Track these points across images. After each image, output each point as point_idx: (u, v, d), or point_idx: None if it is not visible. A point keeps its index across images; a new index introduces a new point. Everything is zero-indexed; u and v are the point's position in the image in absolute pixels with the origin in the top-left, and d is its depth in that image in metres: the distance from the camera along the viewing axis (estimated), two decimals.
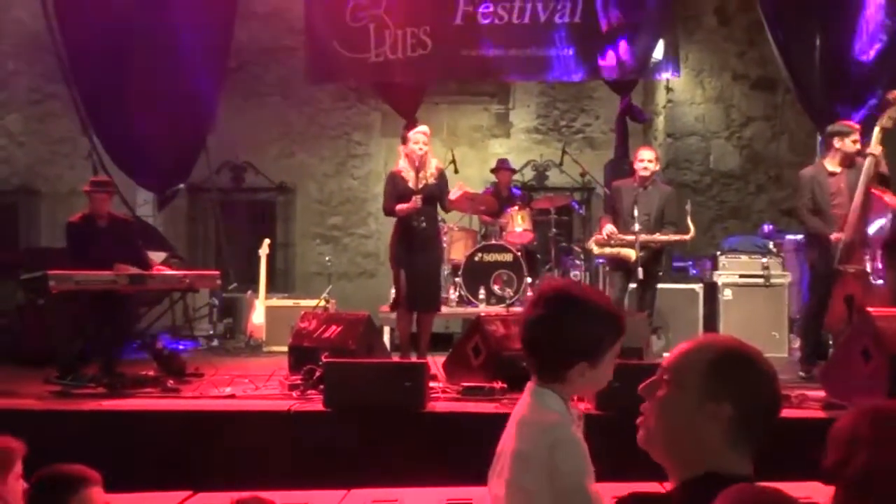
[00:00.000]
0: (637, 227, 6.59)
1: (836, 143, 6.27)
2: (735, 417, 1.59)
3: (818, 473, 1.68)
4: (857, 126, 6.32)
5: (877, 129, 5.95)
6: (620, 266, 6.77)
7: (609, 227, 6.74)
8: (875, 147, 5.94)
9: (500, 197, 9.26)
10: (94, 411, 5.13)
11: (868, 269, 5.94)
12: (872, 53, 8.02)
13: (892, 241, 5.78)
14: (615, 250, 6.72)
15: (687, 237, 6.73)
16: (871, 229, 5.98)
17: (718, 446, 1.60)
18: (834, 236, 6.02)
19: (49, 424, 4.93)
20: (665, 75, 9.49)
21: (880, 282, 5.88)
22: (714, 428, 1.60)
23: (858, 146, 6.16)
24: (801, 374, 6.27)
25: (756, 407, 1.61)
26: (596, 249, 6.93)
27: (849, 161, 6.19)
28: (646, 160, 6.78)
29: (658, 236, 6.59)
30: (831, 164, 6.28)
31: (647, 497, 1.79)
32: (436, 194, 6.56)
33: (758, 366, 1.65)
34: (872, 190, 5.89)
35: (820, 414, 4.87)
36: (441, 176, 6.66)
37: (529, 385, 2.23)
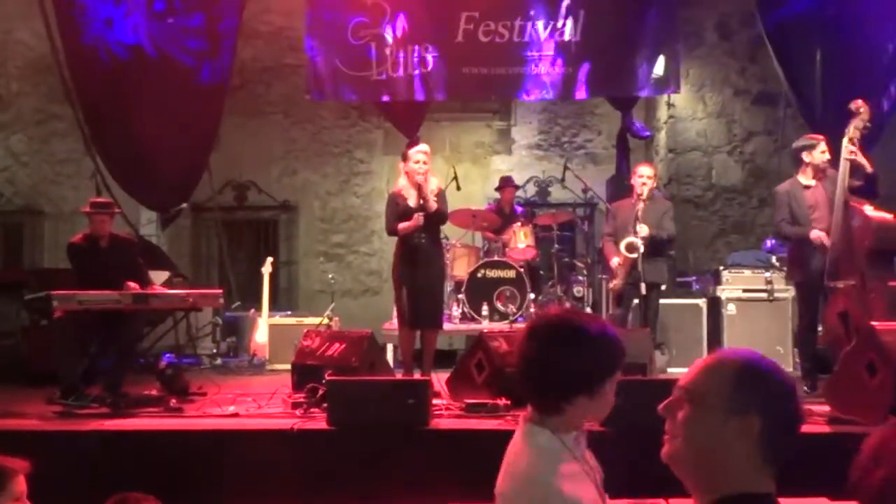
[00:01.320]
0: (639, 242, 6.65)
1: (805, 157, 6.31)
2: (763, 431, 1.55)
3: (823, 488, 1.66)
4: (822, 137, 6.37)
5: (845, 142, 5.95)
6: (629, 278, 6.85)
7: (615, 262, 6.90)
8: (847, 152, 5.92)
9: (503, 213, 9.28)
10: (98, 431, 5.12)
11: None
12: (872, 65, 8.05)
13: (875, 252, 5.77)
14: (627, 262, 6.80)
15: (664, 233, 6.94)
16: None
17: (747, 464, 1.56)
18: (813, 234, 6.04)
19: (53, 445, 4.92)
20: (663, 94, 9.53)
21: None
22: (742, 444, 1.55)
23: (827, 156, 6.20)
24: (806, 388, 6.25)
25: (782, 419, 1.58)
26: (619, 283, 6.97)
27: (821, 173, 6.23)
28: (644, 176, 6.91)
29: (644, 234, 6.67)
30: (805, 178, 6.32)
31: None
32: (435, 214, 6.54)
33: (780, 376, 1.62)
34: (852, 203, 5.89)
35: (825, 429, 4.85)
36: (441, 196, 6.66)
37: (523, 417, 2.13)
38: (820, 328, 6.34)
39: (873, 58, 8.03)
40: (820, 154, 6.24)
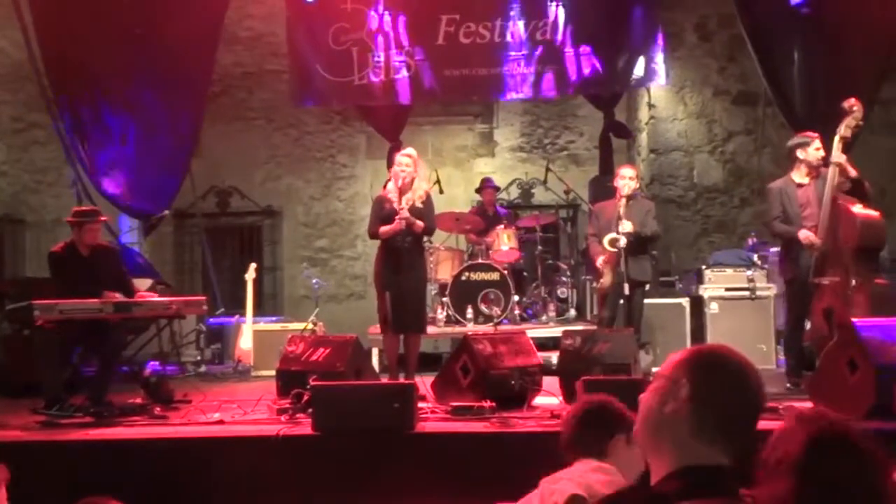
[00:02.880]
0: (622, 241, 6.69)
1: (800, 154, 6.34)
2: (692, 398, 1.65)
3: None
4: (817, 134, 6.39)
5: (836, 139, 5.98)
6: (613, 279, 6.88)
7: (601, 261, 6.93)
8: (837, 155, 5.96)
9: (486, 216, 9.30)
10: (82, 441, 5.09)
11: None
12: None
13: (861, 249, 5.81)
14: (612, 259, 6.83)
15: (648, 230, 6.95)
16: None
17: (684, 434, 1.65)
18: (802, 234, 6.07)
19: (36, 455, 4.89)
20: (649, 85, 9.54)
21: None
22: (674, 409, 1.66)
23: (822, 153, 6.23)
24: (789, 385, 6.30)
25: (717, 393, 1.65)
26: (606, 282, 6.98)
27: (815, 171, 6.26)
28: (627, 177, 6.95)
29: (628, 229, 6.70)
30: (798, 176, 6.34)
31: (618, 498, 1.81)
32: (420, 218, 6.51)
33: (729, 359, 1.70)
34: (839, 201, 5.93)
35: None
36: (428, 201, 6.65)
37: None
38: (808, 325, 6.38)
39: (853, 55, 8.08)
40: (814, 151, 6.26)
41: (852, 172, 5.96)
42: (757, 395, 1.70)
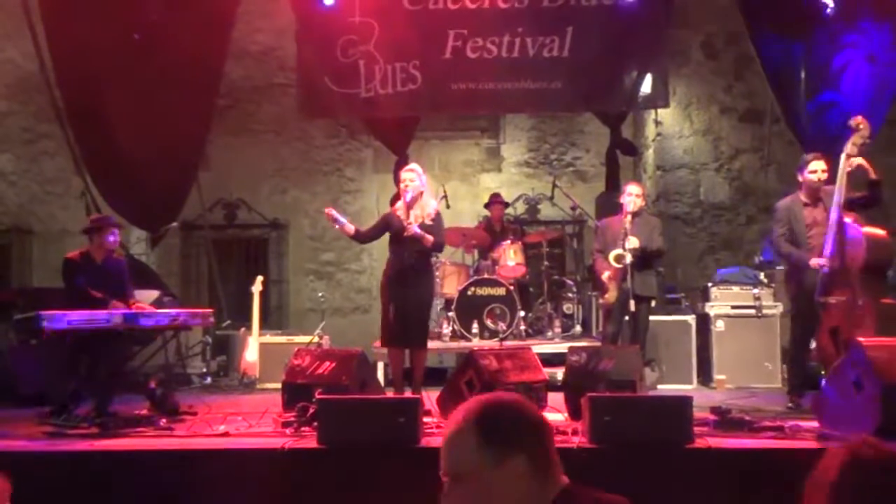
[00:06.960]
0: (628, 257, 6.69)
1: (799, 176, 6.38)
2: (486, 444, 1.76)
3: None
4: (819, 156, 6.38)
5: (843, 157, 5.98)
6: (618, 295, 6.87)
7: (606, 275, 6.92)
8: (843, 174, 5.91)
9: (493, 230, 9.31)
10: (87, 451, 5.09)
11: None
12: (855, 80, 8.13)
13: (867, 268, 5.80)
14: (617, 275, 6.82)
15: (654, 245, 6.97)
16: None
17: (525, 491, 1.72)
18: (813, 262, 6.04)
19: (41, 465, 4.89)
20: (651, 109, 9.57)
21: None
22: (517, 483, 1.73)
23: (817, 176, 6.23)
24: (790, 405, 6.28)
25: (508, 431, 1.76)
26: (611, 297, 6.98)
27: (813, 192, 6.25)
28: (634, 195, 6.98)
29: (634, 245, 6.70)
30: (805, 196, 6.35)
31: None
32: (430, 234, 6.52)
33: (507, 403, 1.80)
34: (846, 219, 5.92)
35: (813, 444, 4.86)
36: (437, 218, 6.66)
37: None
38: (813, 344, 6.35)
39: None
40: (809, 174, 6.27)
41: (872, 174, 5.94)
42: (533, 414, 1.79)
